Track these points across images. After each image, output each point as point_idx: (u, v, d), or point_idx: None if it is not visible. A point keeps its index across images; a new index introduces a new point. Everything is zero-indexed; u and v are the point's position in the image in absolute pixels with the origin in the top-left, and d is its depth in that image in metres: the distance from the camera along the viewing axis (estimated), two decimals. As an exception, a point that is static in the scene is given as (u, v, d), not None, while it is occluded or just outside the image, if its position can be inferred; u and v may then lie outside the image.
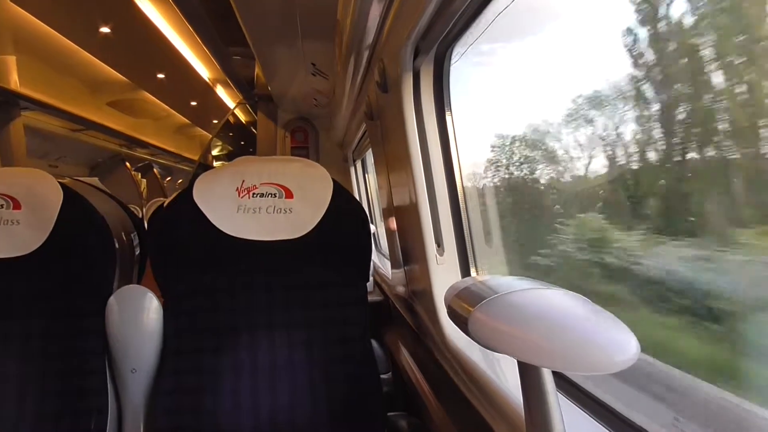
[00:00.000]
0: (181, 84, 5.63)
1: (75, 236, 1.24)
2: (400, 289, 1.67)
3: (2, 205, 1.23)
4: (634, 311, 0.87)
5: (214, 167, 1.37)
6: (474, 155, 1.34)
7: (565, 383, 0.88)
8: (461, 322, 0.57)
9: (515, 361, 0.54)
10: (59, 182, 1.28)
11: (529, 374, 0.54)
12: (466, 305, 0.56)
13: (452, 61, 1.26)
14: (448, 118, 1.29)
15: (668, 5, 0.75)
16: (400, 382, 1.57)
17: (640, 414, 0.75)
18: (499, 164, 1.33)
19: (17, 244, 1.22)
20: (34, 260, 1.22)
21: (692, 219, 0.79)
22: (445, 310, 0.62)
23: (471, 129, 1.29)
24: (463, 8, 0.99)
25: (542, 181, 1.22)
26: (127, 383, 1.21)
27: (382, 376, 1.56)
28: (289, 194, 1.24)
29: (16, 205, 1.23)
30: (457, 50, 1.21)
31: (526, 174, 1.26)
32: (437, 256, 1.28)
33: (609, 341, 0.49)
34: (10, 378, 1.19)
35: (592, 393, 0.81)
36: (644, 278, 0.86)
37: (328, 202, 1.24)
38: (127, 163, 7.72)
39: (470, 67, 1.24)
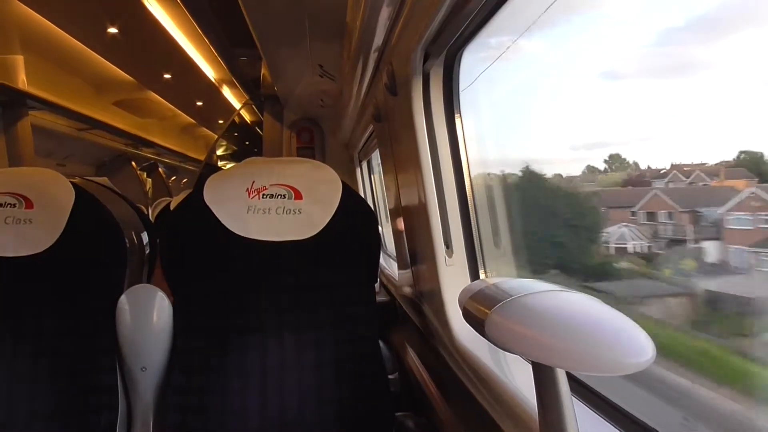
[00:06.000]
0: (188, 84, 5.65)
1: (86, 236, 1.25)
2: (407, 290, 1.67)
3: (15, 204, 1.24)
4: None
5: (220, 167, 1.38)
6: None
7: (577, 385, 0.89)
8: (477, 324, 0.58)
9: (526, 362, 0.54)
10: (70, 182, 1.29)
11: (543, 375, 0.55)
12: (483, 308, 0.57)
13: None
14: (457, 120, 1.30)
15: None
16: (407, 382, 1.57)
17: None
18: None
19: (29, 243, 1.23)
20: (46, 259, 1.23)
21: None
22: (454, 311, 0.63)
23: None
24: (475, 12, 0.99)
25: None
26: (137, 381, 1.22)
27: (389, 376, 1.57)
28: (298, 195, 1.24)
29: (29, 204, 1.24)
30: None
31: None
32: (446, 257, 1.28)
33: (624, 343, 0.50)
34: (21, 376, 1.20)
35: (605, 395, 0.82)
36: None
37: (337, 203, 1.25)
38: (133, 163, 7.75)
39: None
